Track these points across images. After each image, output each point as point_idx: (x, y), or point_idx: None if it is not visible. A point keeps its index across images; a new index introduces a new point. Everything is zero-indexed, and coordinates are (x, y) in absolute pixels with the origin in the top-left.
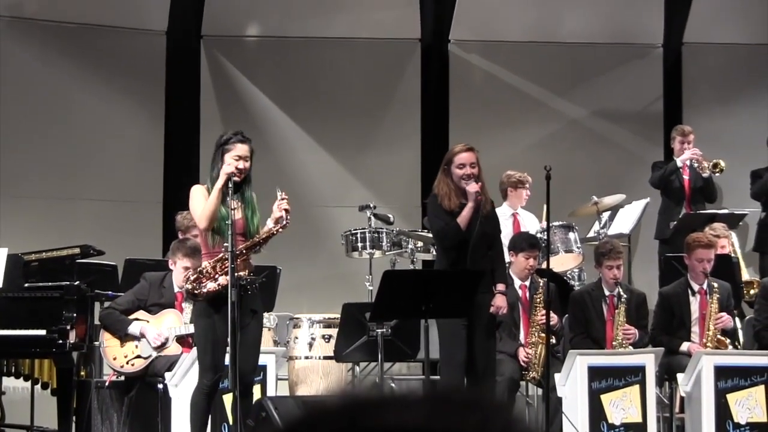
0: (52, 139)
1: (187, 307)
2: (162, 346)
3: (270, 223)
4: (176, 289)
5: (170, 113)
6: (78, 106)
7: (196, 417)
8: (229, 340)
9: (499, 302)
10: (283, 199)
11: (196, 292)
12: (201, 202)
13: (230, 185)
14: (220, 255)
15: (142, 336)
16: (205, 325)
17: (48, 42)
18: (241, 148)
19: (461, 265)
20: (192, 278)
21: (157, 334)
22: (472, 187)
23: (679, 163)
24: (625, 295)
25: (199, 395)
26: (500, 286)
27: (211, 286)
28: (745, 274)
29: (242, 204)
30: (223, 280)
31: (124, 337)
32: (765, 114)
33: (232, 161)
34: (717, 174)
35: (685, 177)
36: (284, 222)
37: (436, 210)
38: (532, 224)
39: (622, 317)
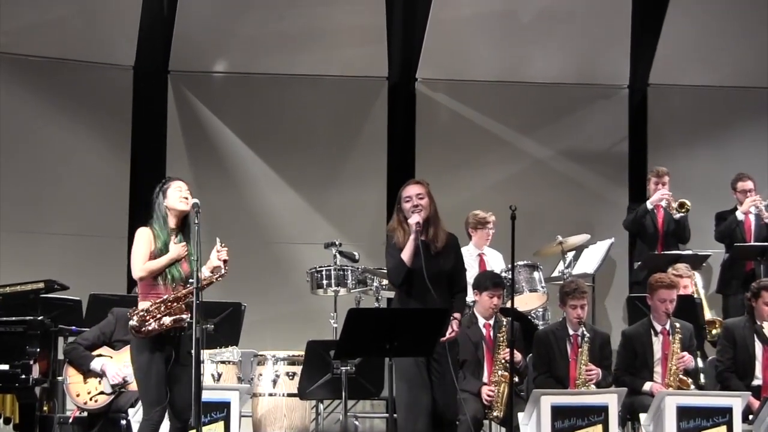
0: (17, 172)
1: None
2: (119, 385)
3: (206, 272)
4: None
5: (136, 148)
6: (44, 140)
7: None
8: (193, 378)
9: (453, 325)
10: (222, 248)
11: (141, 330)
12: (143, 249)
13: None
14: (165, 296)
15: (103, 373)
16: (147, 361)
17: (15, 75)
18: (178, 183)
19: (411, 303)
20: (137, 316)
21: (115, 373)
22: (412, 219)
23: (649, 206)
24: (588, 335)
25: (148, 429)
26: (455, 315)
27: (154, 325)
28: (708, 314)
29: (186, 246)
30: (167, 320)
31: (87, 372)
32: (729, 156)
33: (175, 192)
34: (683, 213)
35: (659, 219)
36: (222, 272)
37: (389, 248)
38: (497, 263)
39: (585, 357)
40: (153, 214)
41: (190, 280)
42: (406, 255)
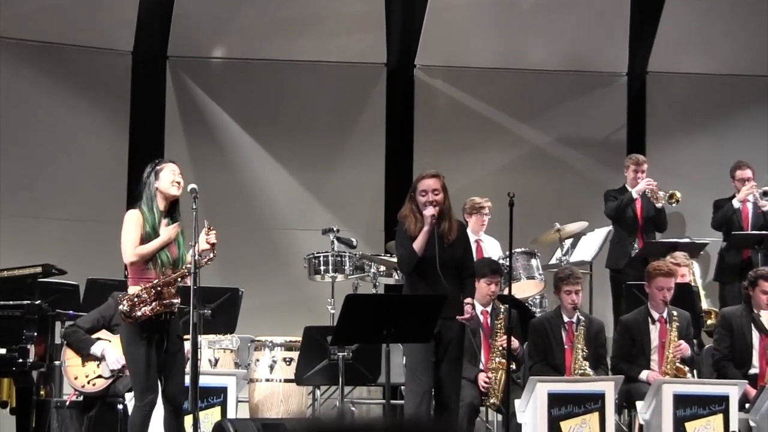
0: (15, 157)
1: None
2: (117, 371)
3: (191, 253)
4: None
5: (135, 134)
6: (42, 125)
7: None
8: (190, 362)
9: (467, 309)
10: (211, 232)
11: (131, 315)
12: (133, 233)
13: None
14: (155, 281)
15: (103, 357)
16: (139, 348)
17: (14, 60)
18: (172, 166)
19: (421, 290)
20: (127, 302)
21: (116, 359)
22: (428, 212)
23: (634, 194)
24: (583, 320)
25: (139, 415)
26: (467, 300)
27: (145, 310)
28: (704, 304)
29: (176, 228)
30: (156, 305)
31: (86, 356)
32: (727, 144)
33: (168, 175)
34: (673, 204)
35: (638, 207)
36: (211, 255)
37: (400, 237)
38: (495, 250)
39: (581, 342)
40: (142, 195)
41: (188, 265)
42: (418, 245)
